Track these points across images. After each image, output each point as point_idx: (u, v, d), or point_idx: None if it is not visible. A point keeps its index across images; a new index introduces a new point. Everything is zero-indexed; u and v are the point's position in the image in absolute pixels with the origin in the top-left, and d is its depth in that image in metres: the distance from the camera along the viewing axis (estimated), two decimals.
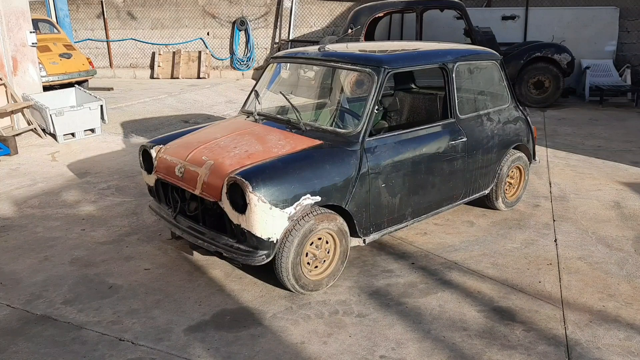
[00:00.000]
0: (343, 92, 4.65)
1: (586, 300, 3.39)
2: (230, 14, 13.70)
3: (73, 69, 10.45)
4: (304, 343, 2.98)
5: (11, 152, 6.80)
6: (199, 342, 2.99)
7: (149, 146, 3.96)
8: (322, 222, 3.33)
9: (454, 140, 4.10)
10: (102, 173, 6.07)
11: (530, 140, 4.87)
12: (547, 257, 3.96)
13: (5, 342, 3.01)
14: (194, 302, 3.39)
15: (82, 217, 4.80)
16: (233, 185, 3.20)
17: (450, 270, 3.78)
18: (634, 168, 6.03)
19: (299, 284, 3.36)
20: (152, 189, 4.02)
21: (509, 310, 3.29)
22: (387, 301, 3.39)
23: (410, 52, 4.24)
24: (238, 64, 13.81)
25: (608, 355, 2.86)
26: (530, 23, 11.21)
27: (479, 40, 8.96)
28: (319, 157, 3.45)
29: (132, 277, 3.72)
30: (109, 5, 14.37)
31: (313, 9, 13.16)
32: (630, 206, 4.91)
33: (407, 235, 4.33)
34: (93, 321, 3.20)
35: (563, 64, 9.59)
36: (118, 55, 14.62)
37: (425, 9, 9.19)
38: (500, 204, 4.74)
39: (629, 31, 11.07)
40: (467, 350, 2.91)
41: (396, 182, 3.73)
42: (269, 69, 4.57)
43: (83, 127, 7.69)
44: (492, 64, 4.65)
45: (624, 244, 4.16)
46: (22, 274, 3.79)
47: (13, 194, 5.41)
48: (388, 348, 2.93)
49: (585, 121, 8.64)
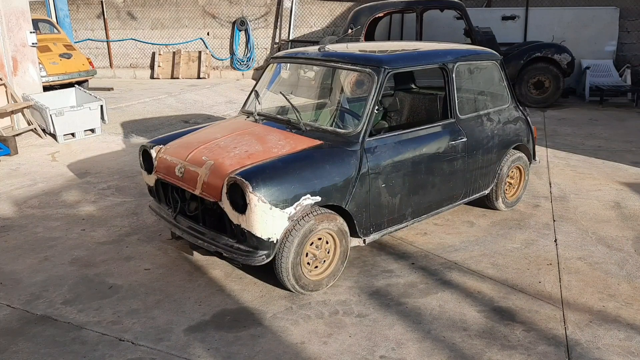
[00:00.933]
0: (343, 92, 4.65)
1: (586, 300, 3.39)
2: (230, 14, 13.70)
3: (73, 69, 10.46)
4: (304, 343, 2.98)
5: (11, 152, 6.80)
6: (199, 342, 2.99)
7: (149, 146, 3.96)
8: (322, 222, 3.33)
9: (454, 141, 4.10)
10: (102, 173, 6.07)
11: (530, 140, 4.87)
12: (547, 257, 3.96)
13: (5, 342, 3.01)
14: (194, 302, 3.39)
15: (82, 217, 4.80)
16: (233, 185, 3.20)
17: (450, 271, 3.78)
18: (634, 168, 6.03)
19: (299, 284, 3.36)
20: (152, 189, 4.02)
21: (509, 310, 3.29)
22: (387, 301, 3.39)
23: (410, 52, 4.24)
24: (238, 64, 13.81)
25: (608, 355, 2.86)
26: (530, 23, 11.21)
27: (479, 40, 8.96)
28: (319, 157, 3.46)
29: (132, 277, 3.72)
30: (109, 5, 14.37)
31: (313, 9, 13.16)
32: (630, 206, 4.91)
33: (407, 235, 4.33)
34: (93, 321, 3.20)
35: (563, 64, 9.59)
36: (118, 56, 14.62)
37: (425, 9, 9.19)
38: (500, 204, 4.74)
39: (629, 31, 11.07)
40: (467, 350, 2.91)
41: (396, 182, 3.73)
42: (269, 69, 4.57)
43: (83, 127, 7.69)
44: (492, 64, 4.65)
45: (624, 244, 4.16)
46: (22, 274, 3.79)
47: (13, 194, 5.41)
48: (388, 348, 2.93)
49: (585, 121, 8.64)
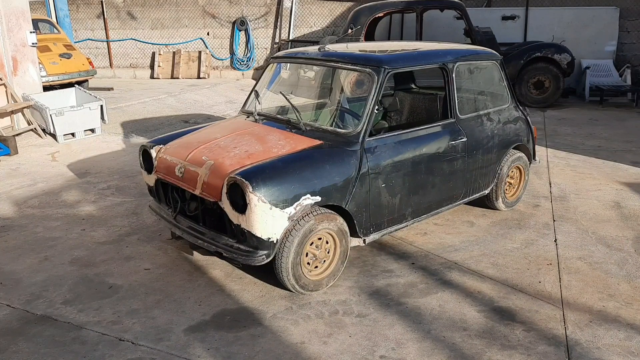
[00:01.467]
0: (343, 92, 4.65)
1: (586, 300, 3.39)
2: (230, 14, 13.70)
3: (73, 69, 10.46)
4: (304, 343, 2.98)
5: (11, 152, 6.81)
6: (199, 342, 2.99)
7: (149, 146, 3.96)
8: (322, 222, 3.33)
9: (454, 140, 4.10)
10: (102, 173, 6.07)
11: (530, 140, 4.87)
12: (547, 257, 3.96)
13: (5, 342, 3.01)
14: (194, 302, 3.39)
15: (82, 217, 4.80)
16: (233, 185, 3.20)
17: (450, 270, 3.78)
18: (634, 168, 6.03)
19: (299, 284, 3.36)
20: (152, 189, 4.02)
21: (509, 310, 3.29)
22: (387, 301, 3.39)
23: (410, 52, 4.24)
24: (238, 64, 13.81)
25: (608, 355, 2.86)
26: (530, 23, 11.21)
27: (479, 40, 8.96)
28: (319, 157, 3.46)
29: (132, 277, 3.72)
30: (109, 5, 14.37)
31: (313, 9, 13.16)
32: (630, 206, 4.91)
33: (407, 235, 4.33)
34: (93, 321, 3.20)
35: (563, 64, 9.59)
36: (118, 55, 14.62)
37: (425, 9, 9.19)
38: (500, 204, 4.74)
39: (629, 31, 11.07)
40: (467, 350, 2.91)
41: (396, 182, 3.73)
42: (269, 69, 4.57)
43: (83, 127, 7.69)
44: (492, 64, 4.65)
45: (624, 244, 4.16)
46: (22, 274, 3.79)
47: (13, 194, 5.41)
48: (388, 348, 2.93)
49: (585, 121, 8.64)
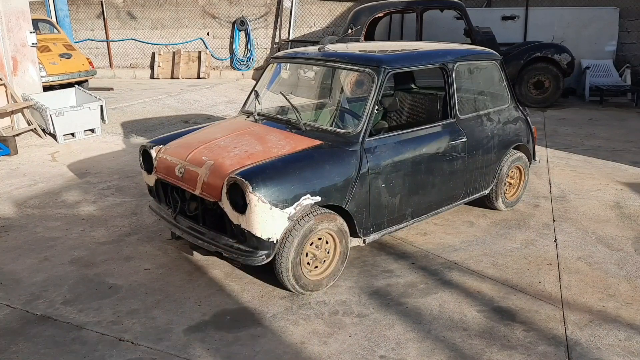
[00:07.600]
0: (343, 92, 4.65)
1: (586, 300, 3.39)
2: (230, 14, 13.70)
3: (73, 69, 10.45)
4: (304, 343, 2.98)
5: (11, 152, 6.80)
6: (199, 342, 2.99)
7: (149, 146, 3.96)
8: (322, 222, 3.33)
9: (454, 141, 4.10)
10: (102, 173, 6.07)
11: (530, 140, 4.87)
12: (547, 257, 3.96)
13: (5, 342, 3.01)
14: (194, 302, 3.39)
15: (82, 217, 4.80)
16: (233, 185, 3.20)
17: (450, 270, 3.78)
18: (634, 168, 6.03)
19: (299, 284, 3.36)
20: (152, 189, 4.02)
21: (509, 310, 3.29)
22: (387, 301, 3.39)
23: (410, 52, 4.24)
24: (238, 64, 13.81)
25: (608, 355, 2.86)
26: (530, 23, 11.21)
27: (479, 40, 8.96)
28: (319, 157, 3.45)
29: (132, 277, 3.72)
30: (109, 5, 14.37)
31: (313, 9, 13.16)
32: (630, 206, 4.91)
33: (407, 235, 4.33)
34: (93, 321, 3.20)
35: (563, 64, 9.60)
36: (118, 56, 14.62)
37: (425, 9, 9.19)
38: (500, 204, 4.74)
39: (629, 31, 11.07)
40: (467, 350, 2.91)
41: (396, 182, 3.73)
42: (269, 69, 4.57)
43: (83, 127, 7.69)
44: (492, 64, 4.65)
45: (624, 244, 4.16)
46: (22, 274, 3.79)
47: (13, 194, 5.41)
48: (388, 348, 2.93)
49: (585, 121, 8.64)
